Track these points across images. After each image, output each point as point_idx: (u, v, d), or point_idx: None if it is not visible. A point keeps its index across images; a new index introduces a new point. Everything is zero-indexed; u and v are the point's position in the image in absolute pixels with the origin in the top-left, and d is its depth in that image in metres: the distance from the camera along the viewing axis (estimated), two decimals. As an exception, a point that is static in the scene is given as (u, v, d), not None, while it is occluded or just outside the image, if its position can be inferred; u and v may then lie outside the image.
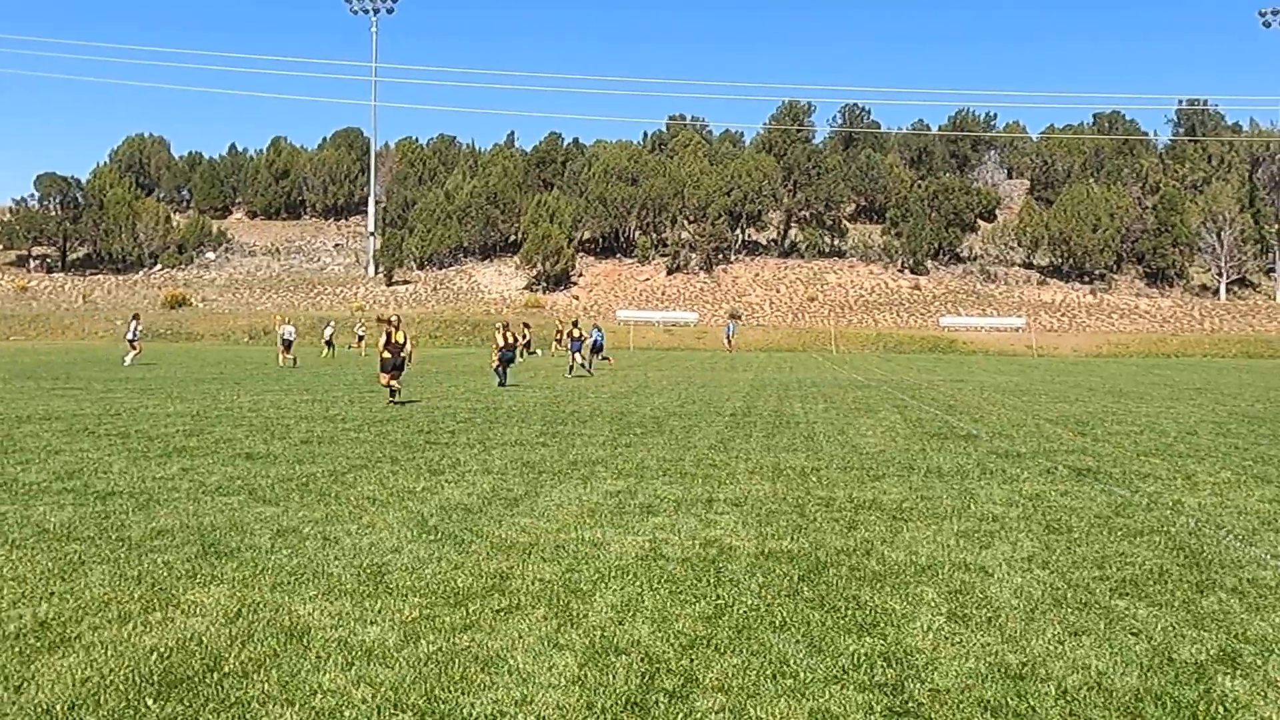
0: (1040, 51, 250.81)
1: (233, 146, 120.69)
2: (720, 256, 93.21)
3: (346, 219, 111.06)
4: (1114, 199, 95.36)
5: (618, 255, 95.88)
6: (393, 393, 22.02)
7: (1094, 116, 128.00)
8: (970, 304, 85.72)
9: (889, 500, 10.87)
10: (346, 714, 4.87)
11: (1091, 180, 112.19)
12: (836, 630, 6.25)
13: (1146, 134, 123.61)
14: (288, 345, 42.31)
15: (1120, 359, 65.67)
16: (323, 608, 6.46)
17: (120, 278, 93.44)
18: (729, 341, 68.20)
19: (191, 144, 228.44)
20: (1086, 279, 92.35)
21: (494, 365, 29.98)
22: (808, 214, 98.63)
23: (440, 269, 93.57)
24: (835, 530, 9.24)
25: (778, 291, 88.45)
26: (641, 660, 5.64)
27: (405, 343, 22.65)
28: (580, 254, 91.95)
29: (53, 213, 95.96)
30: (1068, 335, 76.36)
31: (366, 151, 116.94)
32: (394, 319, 23.24)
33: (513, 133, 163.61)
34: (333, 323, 50.38)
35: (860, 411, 22.03)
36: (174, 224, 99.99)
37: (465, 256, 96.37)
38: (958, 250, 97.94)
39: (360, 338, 56.48)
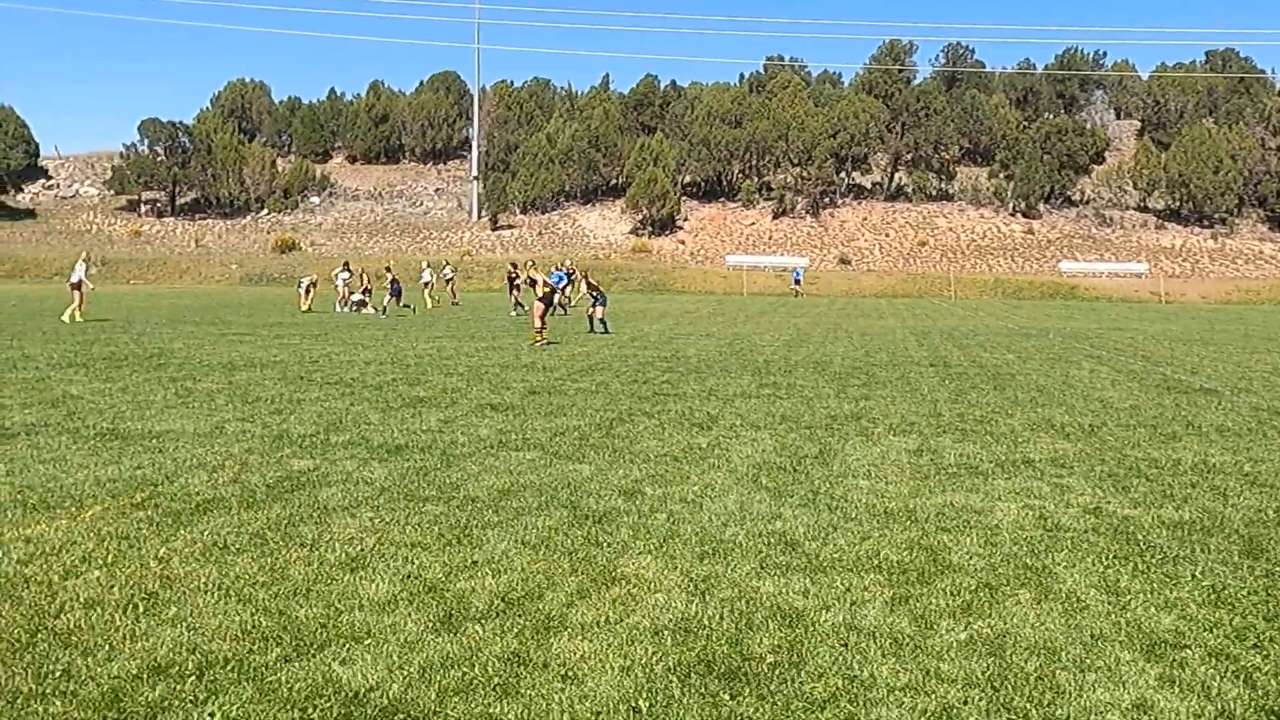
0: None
1: (332, 91, 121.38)
2: (826, 200, 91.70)
3: (445, 163, 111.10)
4: (1235, 139, 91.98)
5: (721, 199, 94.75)
6: (541, 329, 22.19)
7: (1206, 54, 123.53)
8: (1087, 248, 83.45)
9: (1224, 463, 10.17)
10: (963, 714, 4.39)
11: (1208, 120, 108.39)
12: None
13: (1264, 72, 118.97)
14: (305, 289, 37.90)
15: (1253, 305, 63.49)
16: (784, 586, 5.98)
17: (228, 222, 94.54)
18: (797, 286, 66.80)
19: (290, 89, 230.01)
20: (1206, 223, 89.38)
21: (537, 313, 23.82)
22: (915, 157, 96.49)
23: (543, 213, 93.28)
24: (1210, 496, 8.60)
25: (887, 236, 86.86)
26: None
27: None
28: (683, 198, 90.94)
29: (161, 158, 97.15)
30: (1193, 281, 74.06)
31: (463, 95, 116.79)
32: (530, 262, 23.67)
33: (607, 75, 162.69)
34: (428, 267, 46.11)
35: (1058, 361, 21.21)
36: (279, 169, 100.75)
37: (566, 201, 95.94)
38: (1069, 194, 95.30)
39: (428, 284, 44.83)
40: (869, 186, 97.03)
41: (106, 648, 4.83)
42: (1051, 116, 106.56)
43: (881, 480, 9.07)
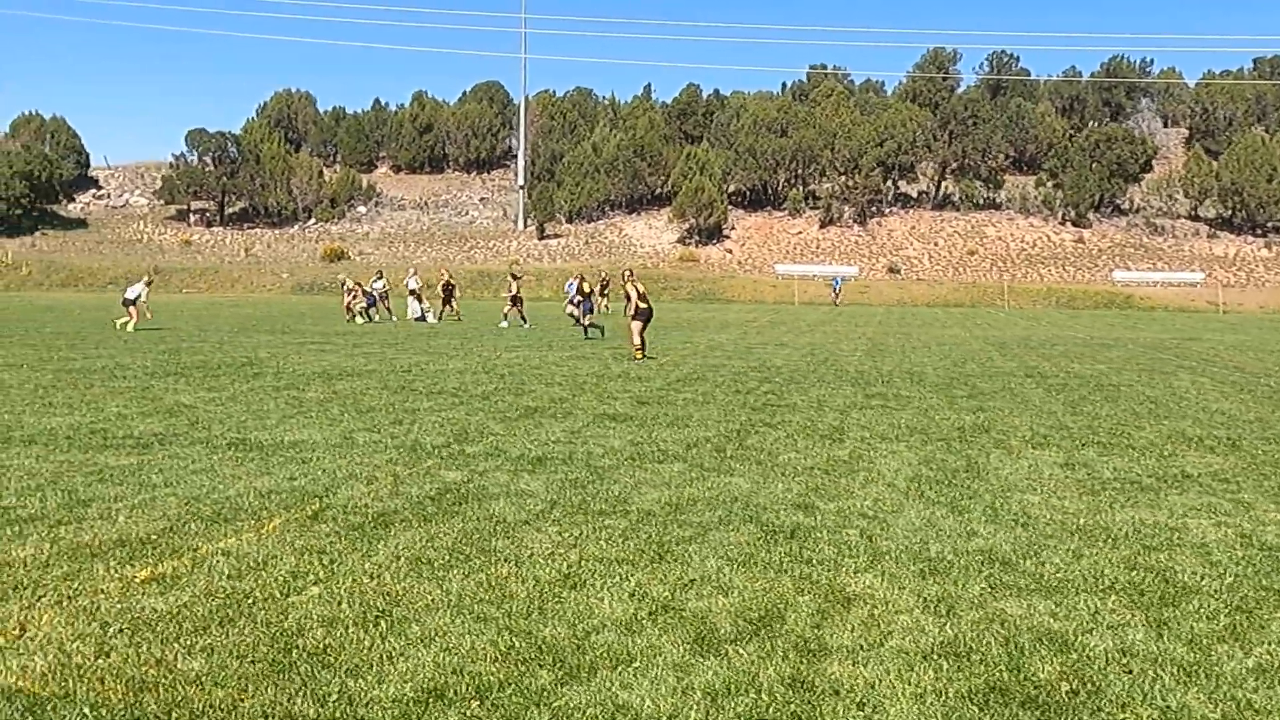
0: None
1: (376, 101, 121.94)
2: (873, 209, 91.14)
3: (489, 172, 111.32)
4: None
5: (767, 208, 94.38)
6: (640, 346, 21.55)
7: (1254, 61, 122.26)
8: (1139, 258, 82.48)
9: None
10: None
11: (1258, 128, 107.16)
12: None
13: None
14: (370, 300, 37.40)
15: (1314, 316, 62.47)
16: (1029, 608, 5.76)
17: (276, 231, 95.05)
18: (836, 295, 66.21)
19: (335, 99, 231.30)
20: (1260, 231, 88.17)
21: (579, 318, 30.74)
22: (963, 165, 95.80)
23: (589, 222, 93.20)
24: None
25: (935, 245, 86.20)
26: None
27: (645, 292, 22.12)
28: (729, 207, 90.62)
29: (210, 168, 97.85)
30: (1250, 291, 73.00)
31: (506, 105, 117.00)
32: (630, 271, 22.83)
33: (649, 85, 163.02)
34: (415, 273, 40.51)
35: (1154, 373, 20.84)
36: (325, 179, 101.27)
37: (612, 210, 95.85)
38: (1118, 202, 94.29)
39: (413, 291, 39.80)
40: (915, 195, 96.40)
41: (371, 669, 4.69)
42: (1098, 124, 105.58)
43: (1050, 495, 8.84)
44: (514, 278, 35.30)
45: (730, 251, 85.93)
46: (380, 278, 39.45)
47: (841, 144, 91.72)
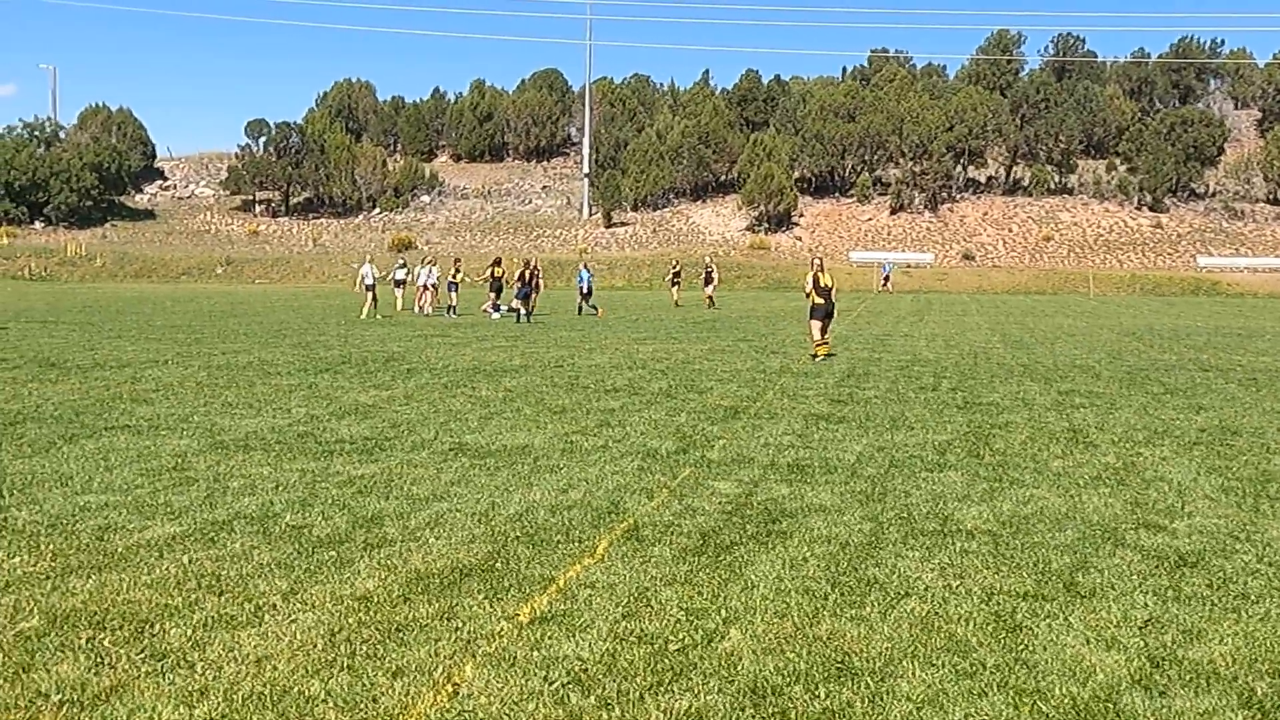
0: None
1: (436, 90, 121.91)
2: (944, 195, 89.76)
3: (549, 160, 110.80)
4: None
5: (835, 194, 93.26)
6: (822, 342, 20.13)
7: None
8: (1220, 243, 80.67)
9: None
10: None
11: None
12: None
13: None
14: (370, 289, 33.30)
15: None
16: None
17: (342, 221, 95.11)
18: (886, 282, 65.01)
19: (394, 88, 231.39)
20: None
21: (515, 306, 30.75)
22: (1036, 149, 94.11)
23: (654, 210, 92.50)
24: None
25: (1009, 231, 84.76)
26: None
27: (833, 285, 20.64)
28: (797, 194, 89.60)
29: (274, 159, 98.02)
30: (1341, 276, 71.16)
31: (565, 93, 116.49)
32: (818, 260, 21.24)
33: (707, 70, 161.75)
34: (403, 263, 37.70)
35: (1331, 366, 19.86)
36: (389, 168, 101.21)
37: (677, 198, 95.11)
38: (1193, 186, 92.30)
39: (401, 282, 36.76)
40: (984, 181, 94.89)
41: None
42: (1168, 107, 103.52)
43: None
44: (527, 265, 32.63)
45: (800, 239, 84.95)
46: (403, 266, 37.12)
47: (910, 129, 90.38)
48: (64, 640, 4.93)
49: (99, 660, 4.68)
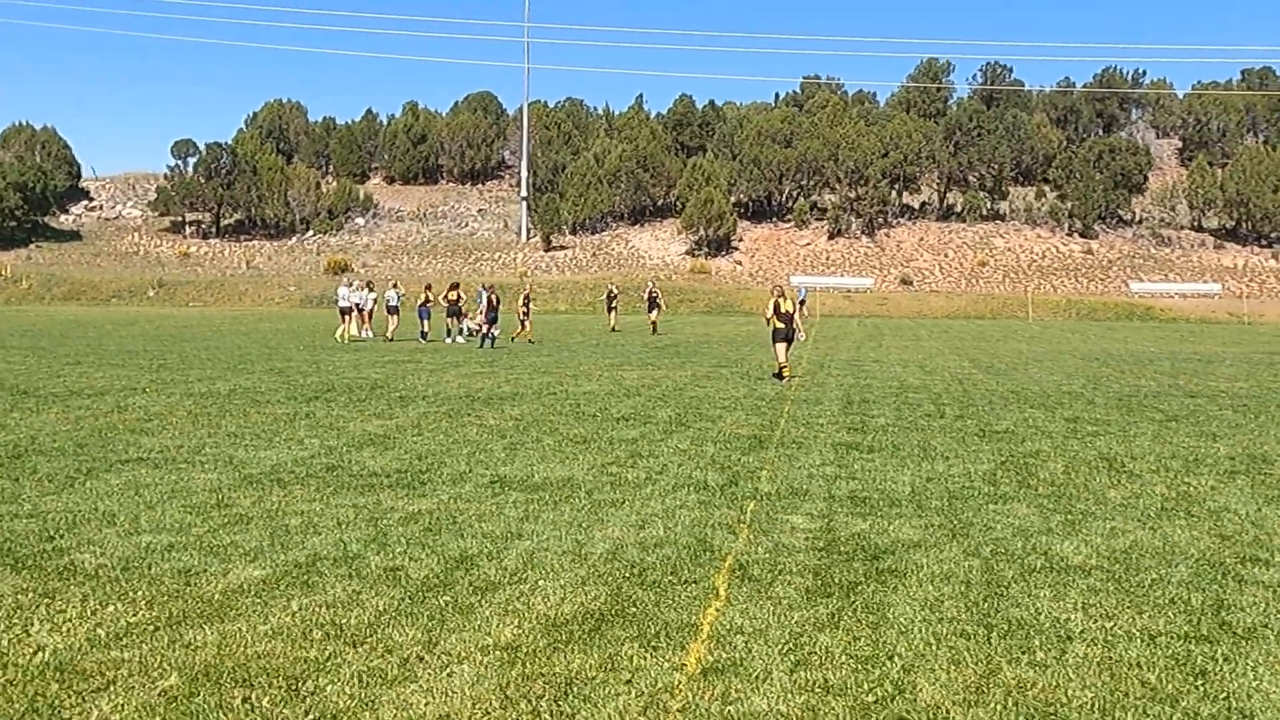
0: (1181, 4, 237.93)
1: (368, 111, 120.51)
2: (880, 220, 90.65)
3: (484, 183, 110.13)
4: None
5: (773, 219, 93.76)
6: (785, 364, 20.55)
7: (1242, 73, 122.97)
8: (1149, 269, 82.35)
9: None
10: None
11: (1249, 139, 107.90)
12: None
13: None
14: (343, 313, 34.03)
15: (1338, 327, 62.38)
16: None
17: (275, 243, 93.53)
18: (802, 306, 64.88)
19: (325, 109, 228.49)
20: (1265, 242, 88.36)
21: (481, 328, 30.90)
22: (969, 176, 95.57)
23: (593, 234, 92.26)
24: None
25: (945, 256, 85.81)
26: None
27: (794, 312, 21.10)
28: (736, 218, 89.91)
29: (205, 179, 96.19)
30: (1268, 303, 72.91)
31: (500, 116, 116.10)
32: (778, 288, 21.71)
33: (641, 95, 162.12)
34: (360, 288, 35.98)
35: (1307, 391, 20.18)
36: (322, 190, 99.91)
37: (615, 222, 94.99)
38: (1121, 213, 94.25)
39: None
40: (918, 206, 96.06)
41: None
42: (1093, 136, 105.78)
43: None
44: (455, 287, 33.62)
45: (740, 264, 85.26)
46: (395, 287, 36.95)
47: (845, 155, 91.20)
48: (219, 701, 4.56)
49: (265, 724, 4.33)
